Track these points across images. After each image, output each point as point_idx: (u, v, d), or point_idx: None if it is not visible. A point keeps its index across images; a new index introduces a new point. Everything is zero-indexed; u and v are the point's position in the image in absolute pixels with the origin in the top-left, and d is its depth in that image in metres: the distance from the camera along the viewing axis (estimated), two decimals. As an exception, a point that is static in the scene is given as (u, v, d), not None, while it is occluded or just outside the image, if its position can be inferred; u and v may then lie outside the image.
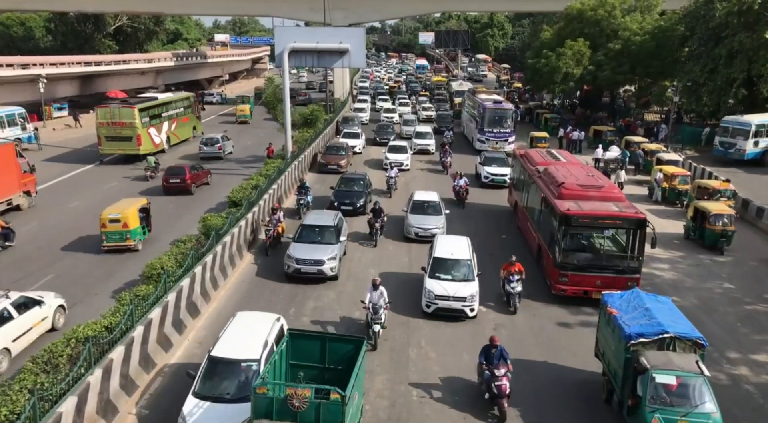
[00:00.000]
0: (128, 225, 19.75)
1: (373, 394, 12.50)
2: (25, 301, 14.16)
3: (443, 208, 22.82)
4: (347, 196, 24.72)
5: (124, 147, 33.99)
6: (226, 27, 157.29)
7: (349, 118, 46.06)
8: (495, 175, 30.18)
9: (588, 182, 18.88)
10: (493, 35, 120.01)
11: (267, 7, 57.10)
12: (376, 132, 42.76)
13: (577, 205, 17.04)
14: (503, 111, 38.21)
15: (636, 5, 47.34)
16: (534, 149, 27.19)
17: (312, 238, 18.73)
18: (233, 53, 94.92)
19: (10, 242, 20.37)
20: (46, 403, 9.44)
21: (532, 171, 21.67)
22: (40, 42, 71.18)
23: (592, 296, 16.43)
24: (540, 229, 19.52)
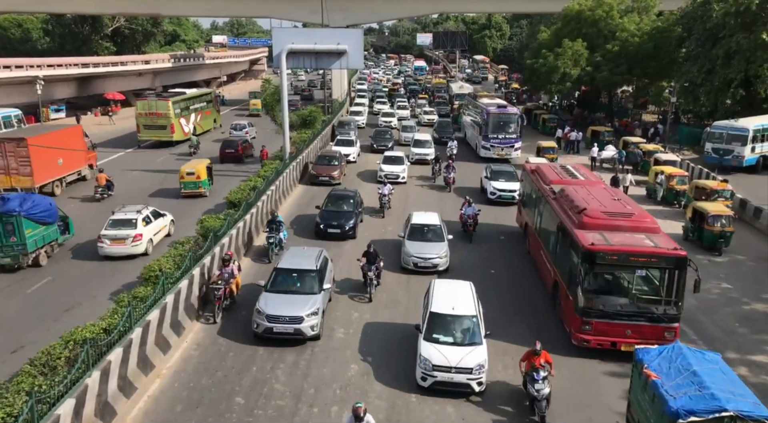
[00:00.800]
0: (200, 177, 27.07)
1: (372, 396, 12.48)
2: (156, 213, 21.47)
3: (446, 232, 19.94)
4: (335, 218, 21.93)
5: (159, 134, 39.50)
6: (224, 28, 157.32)
7: (345, 122, 44.21)
8: (503, 191, 27.15)
9: (614, 208, 16.06)
10: (490, 36, 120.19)
11: (265, 9, 57.08)
12: (373, 138, 39.91)
13: (603, 238, 14.28)
14: (508, 116, 36.17)
15: (633, 6, 47.42)
16: (546, 164, 23.79)
17: (288, 285, 15.22)
18: (231, 55, 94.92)
19: (111, 192, 27.34)
20: (43, 405, 9.41)
21: (546, 191, 19.09)
22: (37, 44, 71.12)
23: (622, 348, 13.85)
24: (556, 261, 16.74)
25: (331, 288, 16.45)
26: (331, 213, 22.23)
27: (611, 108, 54.53)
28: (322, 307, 14.92)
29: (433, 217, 20.82)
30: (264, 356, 13.91)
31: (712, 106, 38.26)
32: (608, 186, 20.17)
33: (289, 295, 14.82)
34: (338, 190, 24.62)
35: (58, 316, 15.71)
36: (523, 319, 16.09)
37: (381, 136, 40.21)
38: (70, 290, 17.49)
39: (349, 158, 34.35)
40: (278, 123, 34.96)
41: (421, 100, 64.44)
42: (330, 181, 29.17)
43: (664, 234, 15.15)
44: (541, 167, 21.96)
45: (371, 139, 39.74)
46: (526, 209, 22.34)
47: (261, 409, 11.97)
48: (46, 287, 17.75)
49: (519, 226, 23.43)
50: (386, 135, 40.33)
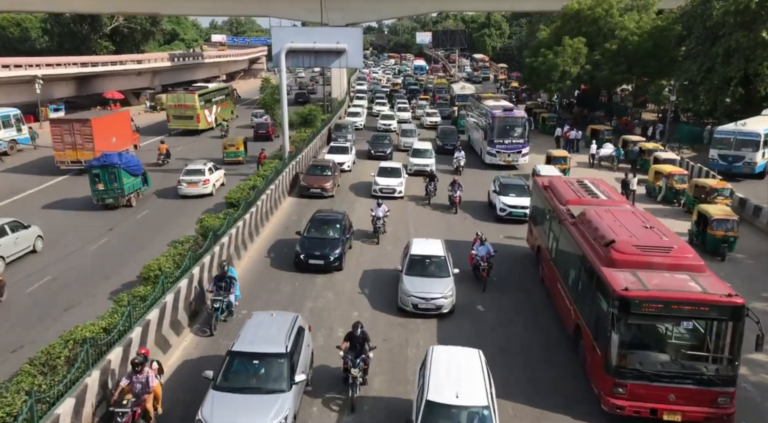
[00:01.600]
0: (239, 148, 34.50)
1: (372, 394, 12.48)
2: (215, 167, 29.25)
3: (451, 265, 16.82)
4: (318, 246, 18.78)
5: (187, 124, 44.92)
6: (223, 27, 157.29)
7: (342, 125, 41.64)
8: (514, 207, 24.22)
9: (648, 240, 13.32)
10: (490, 35, 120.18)
11: (264, 8, 57.05)
12: (371, 144, 37.05)
13: (638, 280, 11.77)
14: (514, 119, 34.06)
15: (633, 4, 47.44)
16: (561, 178, 20.85)
17: (247, 379, 11.07)
18: (230, 53, 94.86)
19: (169, 159, 34.09)
20: (43, 404, 9.41)
21: (562, 212, 16.64)
22: (36, 43, 71.05)
23: (664, 417, 11.46)
24: (578, 301, 14.07)
25: (307, 378, 11.89)
26: (314, 241, 19.10)
27: (611, 107, 54.56)
28: (292, 411, 10.66)
29: (435, 245, 17.70)
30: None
31: (711, 104, 38.26)
32: (636, 208, 17.16)
33: (247, 396, 10.58)
34: (323, 213, 21.20)
35: (57, 315, 15.72)
36: (538, 371, 13.58)
37: (379, 141, 37.48)
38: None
39: (344, 167, 31.80)
40: (278, 122, 34.91)
41: (422, 100, 62.36)
42: (322, 194, 27.00)
43: (711, 274, 12.63)
44: (555, 183, 19.07)
45: (368, 145, 37.21)
46: (538, 229, 19.58)
47: None
48: (44, 288, 17.77)
49: (530, 248, 20.58)
50: (384, 140, 37.69)
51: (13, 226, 19.47)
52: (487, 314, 16.44)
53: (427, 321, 15.76)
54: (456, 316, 16.11)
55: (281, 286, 17.92)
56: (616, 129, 45.07)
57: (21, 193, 28.38)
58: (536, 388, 12.93)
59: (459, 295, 16.52)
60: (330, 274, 18.61)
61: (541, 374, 13.46)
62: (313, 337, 13.90)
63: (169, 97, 45.61)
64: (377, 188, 27.51)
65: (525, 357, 14.21)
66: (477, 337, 14.70)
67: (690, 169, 31.51)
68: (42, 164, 33.66)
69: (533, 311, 16.72)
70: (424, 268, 16.71)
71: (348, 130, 40.39)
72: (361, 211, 25.11)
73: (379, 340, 14.09)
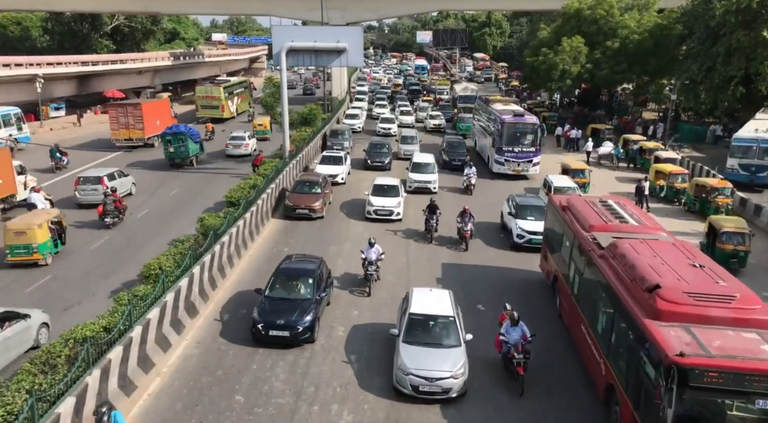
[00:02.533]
0: (266, 127, 42.11)
1: (373, 394, 12.48)
2: (251, 135, 38.18)
3: (461, 327, 13.05)
4: (283, 311, 14.17)
5: (213, 113, 49.85)
6: (224, 26, 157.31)
7: (338, 131, 38.74)
8: (534, 233, 20.25)
9: (702, 285, 10.73)
10: (491, 34, 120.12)
11: (264, 7, 57.05)
12: (368, 153, 33.68)
13: (695, 341, 9.34)
14: (525, 126, 31.55)
15: (633, 3, 47.40)
16: (581, 198, 17.66)
17: None
18: (230, 52, 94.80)
19: (214, 135, 41.40)
20: (44, 403, 9.41)
21: (587, 241, 13.99)
22: (36, 42, 71.02)
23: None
24: (612, 356, 11.55)
25: None
26: (278, 303, 14.43)
27: (611, 106, 54.54)
28: None
29: (442, 300, 13.85)
30: (264, 355, 13.89)
31: (712, 103, 38.25)
32: (677, 239, 14.04)
33: None
34: (291, 263, 16.18)
35: (58, 314, 15.71)
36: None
37: (377, 150, 33.95)
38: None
39: (337, 179, 29.17)
40: (278, 121, 34.91)
41: (424, 102, 59.48)
42: (310, 215, 23.81)
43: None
44: (575, 203, 16.31)
45: (365, 154, 33.92)
46: (555, 256, 16.94)
47: (261, 407, 11.97)
48: (44, 289, 17.78)
49: (544, 275, 18.18)
50: (383, 149, 34.19)
51: (119, 173, 26.59)
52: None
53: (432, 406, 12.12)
54: (470, 401, 12.28)
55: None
56: (617, 128, 45.11)
57: (89, 163, 32.95)
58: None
59: (483, 391, 12.56)
60: (300, 348, 14.16)
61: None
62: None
63: (198, 90, 52.10)
64: (371, 210, 23.92)
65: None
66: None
67: (691, 168, 31.53)
68: (93, 144, 40.32)
69: (551, 352, 14.13)
70: (428, 332, 12.96)
71: (345, 136, 37.80)
72: (351, 242, 21.36)
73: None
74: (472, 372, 12.58)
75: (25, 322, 13.78)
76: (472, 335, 13.03)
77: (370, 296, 17.05)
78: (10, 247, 18.10)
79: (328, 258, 18.25)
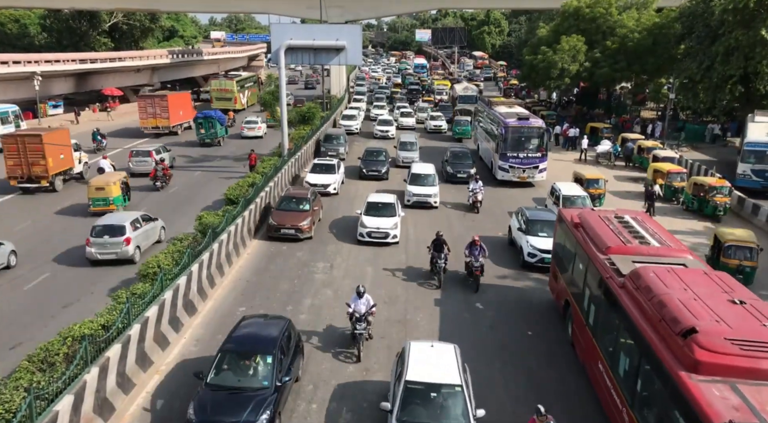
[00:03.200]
0: (277, 117, 39.75)
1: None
2: (263, 120, 44.12)
3: (471, 401, 10.21)
4: (226, 411, 10.35)
5: (226, 104, 53.14)
6: (222, 24, 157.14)
7: (333, 135, 36.30)
8: (547, 252, 18.11)
9: (748, 329, 8.82)
10: (489, 32, 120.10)
11: (263, 5, 57.01)
12: (363, 161, 31.05)
13: (745, 404, 7.56)
14: (530, 130, 29.84)
15: (632, 2, 47.41)
16: (594, 213, 15.13)
17: None
18: (229, 50, 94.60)
19: (234, 122, 45.65)
20: (42, 401, 9.41)
21: (604, 266, 12.18)
22: (35, 39, 70.80)
23: None
24: (638, 408, 9.74)
25: None
26: (222, 398, 10.62)
27: (610, 104, 54.58)
28: None
29: (446, 361, 10.89)
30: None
31: (710, 102, 38.31)
32: (709, 267, 12.53)
33: None
34: (244, 331, 12.11)
35: (56, 312, 15.72)
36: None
37: (373, 158, 31.23)
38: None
39: (329, 190, 27.08)
40: (276, 119, 34.90)
41: (424, 103, 57.81)
42: (297, 236, 20.82)
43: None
44: (589, 219, 14.43)
45: (360, 162, 31.15)
46: (565, 276, 15.24)
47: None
48: (41, 287, 17.76)
49: (554, 297, 16.50)
50: (379, 156, 31.42)
51: (163, 149, 32.36)
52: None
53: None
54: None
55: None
56: (616, 127, 45.17)
57: (124, 146, 38.11)
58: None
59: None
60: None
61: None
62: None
63: (213, 83, 57.25)
64: (364, 232, 20.79)
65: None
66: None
67: (689, 166, 31.59)
68: (122, 132, 45.24)
69: (562, 395, 12.32)
70: (428, 406, 10.05)
71: (339, 141, 35.60)
72: (342, 274, 18.32)
73: None
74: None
75: (156, 222, 20.80)
76: (485, 411, 10.12)
77: (358, 362, 13.47)
78: (93, 200, 23.85)
79: (313, 294, 16.90)
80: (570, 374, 13.26)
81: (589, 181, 26.44)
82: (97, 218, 20.11)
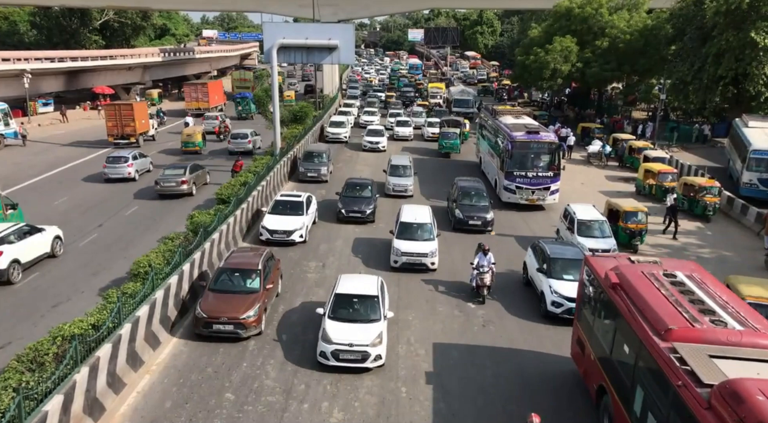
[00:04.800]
0: (291, 97, 56.82)
1: (362, 391, 12.49)
2: None
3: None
4: None
5: (245, 91, 60.31)
6: (215, 23, 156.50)
7: (315, 152, 30.41)
8: (573, 300, 14.15)
9: None
10: (482, 32, 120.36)
11: (256, 3, 56.87)
12: (342, 199, 23.58)
13: None
14: (541, 145, 26.06)
15: (623, 3, 47.73)
16: (635, 270, 11.14)
17: None
18: (221, 49, 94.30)
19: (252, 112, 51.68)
20: (31, 401, 9.33)
21: (669, 364, 8.44)
22: (24, 37, 70.23)
23: None
24: None
25: None
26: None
27: (601, 105, 54.90)
28: None
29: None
30: (254, 352, 13.86)
31: (700, 103, 38.63)
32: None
33: None
34: None
35: (45, 311, 15.60)
36: None
37: (355, 193, 23.91)
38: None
39: (293, 238, 20.36)
40: (269, 118, 34.78)
41: (418, 107, 52.93)
42: (237, 334, 14.05)
43: None
44: (630, 277, 10.75)
45: (339, 200, 23.66)
46: (599, 352, 11.47)
47: (251, 405, 11.94)
48: (33, 284, 17.64)
49: (579, 371, 12.66)
50: (363, 191, 24.12)
51: (222, 116, 45.05)
52: None
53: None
54: None
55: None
56: (607, 126, 45.45)
57: (177, 121, 48.19)
58: None
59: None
60: None
61: None
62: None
63: (234, 74, 71.06)
64: (327, 352, 13.02)
65: None
66: None
67: (679, 167, 31.82)
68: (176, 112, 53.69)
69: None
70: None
71: (322, 159, 29.79)
72: None
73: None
74: None
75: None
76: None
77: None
78: (184, 143, 35.73)
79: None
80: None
81: (628, 214, 21.27)
82: None
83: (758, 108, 35.71)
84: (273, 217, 20.91)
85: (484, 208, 22.99)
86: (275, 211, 21.27)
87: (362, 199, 23.62)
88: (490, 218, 22.71)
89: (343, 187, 24.38)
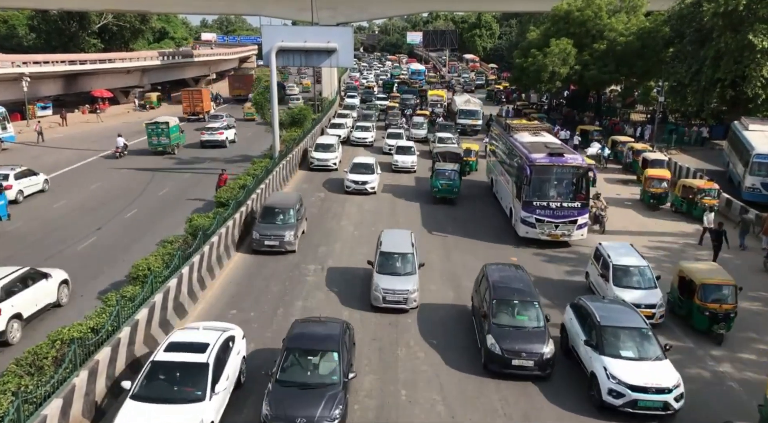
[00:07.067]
0: (294, 91, 68.06)
1: (362, 394, 12.47)
2: None
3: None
4: None
5: None
6: (213, 26, 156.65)
7: (275, 208, 20.53)
8: (644, 390, 11.32)
9: None
10: (480, 35, 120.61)
11: (254, 6, 56.86)
12: (288, 339, 12.11)
13: None
14: (566, 170, 21.38)
15: (621, 6, 47.86)
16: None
17: None
18: (220, 52, 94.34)
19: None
20: (30, 405, 9.33)
21: None
22: (23, 40, 70.33)
23: None
24: None
25: None
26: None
27: (599, 107, 55.00)
28: None
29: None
30: (256, 363, 13.84)
31: (698, 105, 38.68)
32: None
33: None
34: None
35: (44, 314, 15.55)
36: None
37: (308, 333, 12.45)
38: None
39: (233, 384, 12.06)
40: (267, 121, 34.81)
41: (417, 117, 47.06)
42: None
43: None
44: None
45: (285, 340, 12.30)
46: None
47: None
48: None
49: None
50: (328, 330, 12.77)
51: None
52: None
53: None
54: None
55: None
56: (605, 129, 45.49)
57: None
58: None
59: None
60: None
61: None
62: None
63: (258, 72, 68.93)
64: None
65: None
66: None
67: (677, 169, 31.82)
68: None
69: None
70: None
71: (288, 218, 20.19)
72: None
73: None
74: None
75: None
76: None
77: None
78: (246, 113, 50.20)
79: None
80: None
81: (707, 290, 15.03)
82: None
83: (756, 110, 35.78)
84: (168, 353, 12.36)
85: (537, 333, 13.15)
86: (169, 349, 12.06)
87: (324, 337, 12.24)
88: (550, 354, 12.80)
89: (291, 329, 12.70)
